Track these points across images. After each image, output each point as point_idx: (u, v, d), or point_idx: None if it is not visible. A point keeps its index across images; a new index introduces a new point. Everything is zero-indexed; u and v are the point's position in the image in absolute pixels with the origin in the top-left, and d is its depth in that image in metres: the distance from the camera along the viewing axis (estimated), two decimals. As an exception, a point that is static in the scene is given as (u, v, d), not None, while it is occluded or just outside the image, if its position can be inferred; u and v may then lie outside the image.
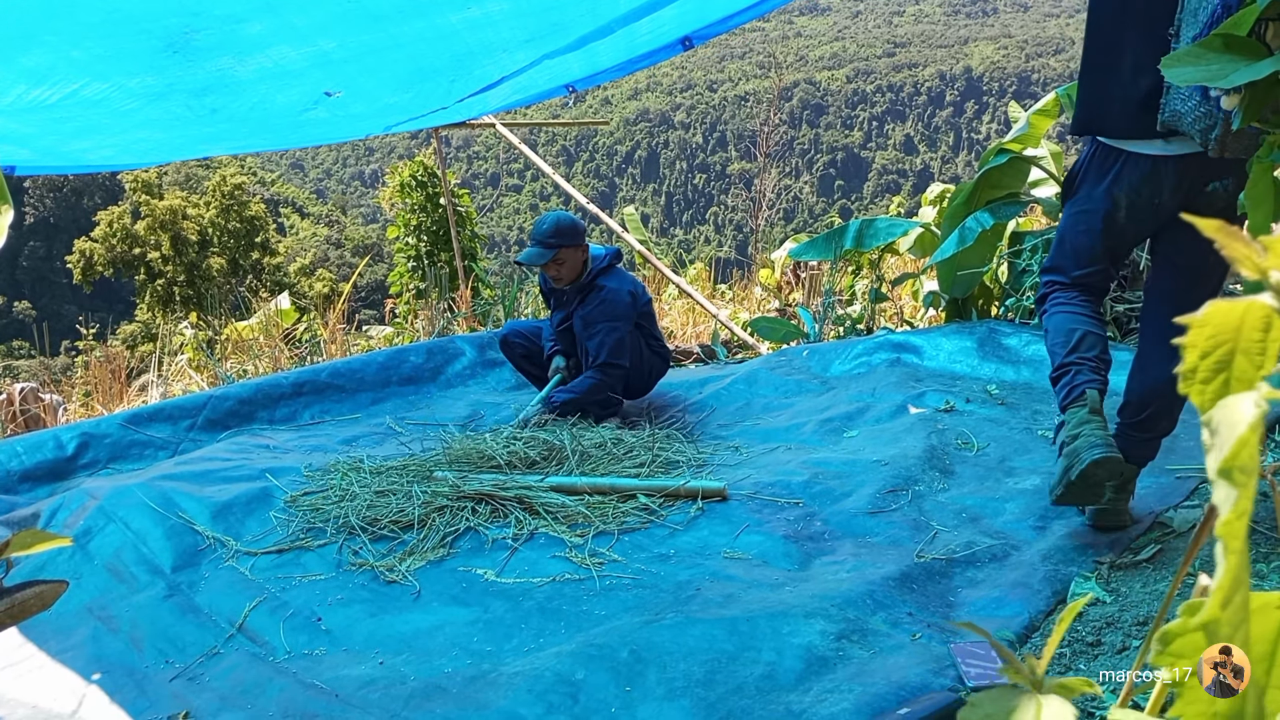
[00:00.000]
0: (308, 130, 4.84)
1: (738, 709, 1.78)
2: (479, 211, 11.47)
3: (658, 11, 3.79)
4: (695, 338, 6.87)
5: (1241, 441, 0.39)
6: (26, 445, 3.60)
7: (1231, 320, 0.40)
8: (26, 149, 4.12)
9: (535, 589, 2.39)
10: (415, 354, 4.84)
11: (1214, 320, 0.40)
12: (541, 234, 3.72)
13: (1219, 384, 0.41)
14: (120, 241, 27.77)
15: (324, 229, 56.51)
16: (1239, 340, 0.40)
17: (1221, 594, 0.39)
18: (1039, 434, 3.28)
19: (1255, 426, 0.39)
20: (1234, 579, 0.39)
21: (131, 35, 2.78)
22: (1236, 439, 0.39)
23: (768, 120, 12.48)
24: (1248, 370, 0.40)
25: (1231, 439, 0.39)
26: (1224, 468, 0.39)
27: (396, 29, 3.27)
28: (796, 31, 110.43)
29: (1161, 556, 2.25)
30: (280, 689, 2.01)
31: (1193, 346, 0.41)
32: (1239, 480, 0.39)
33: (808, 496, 2.87)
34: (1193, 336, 0.41)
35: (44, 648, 2.30)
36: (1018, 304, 4.35)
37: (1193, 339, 0.41)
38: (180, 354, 7.63)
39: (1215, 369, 0.41)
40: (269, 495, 3.07)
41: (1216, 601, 0.39)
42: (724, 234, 79.48)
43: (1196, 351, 0.41)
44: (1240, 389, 0.40)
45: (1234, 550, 0.39)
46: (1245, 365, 0.40)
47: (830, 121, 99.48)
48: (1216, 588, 0.39)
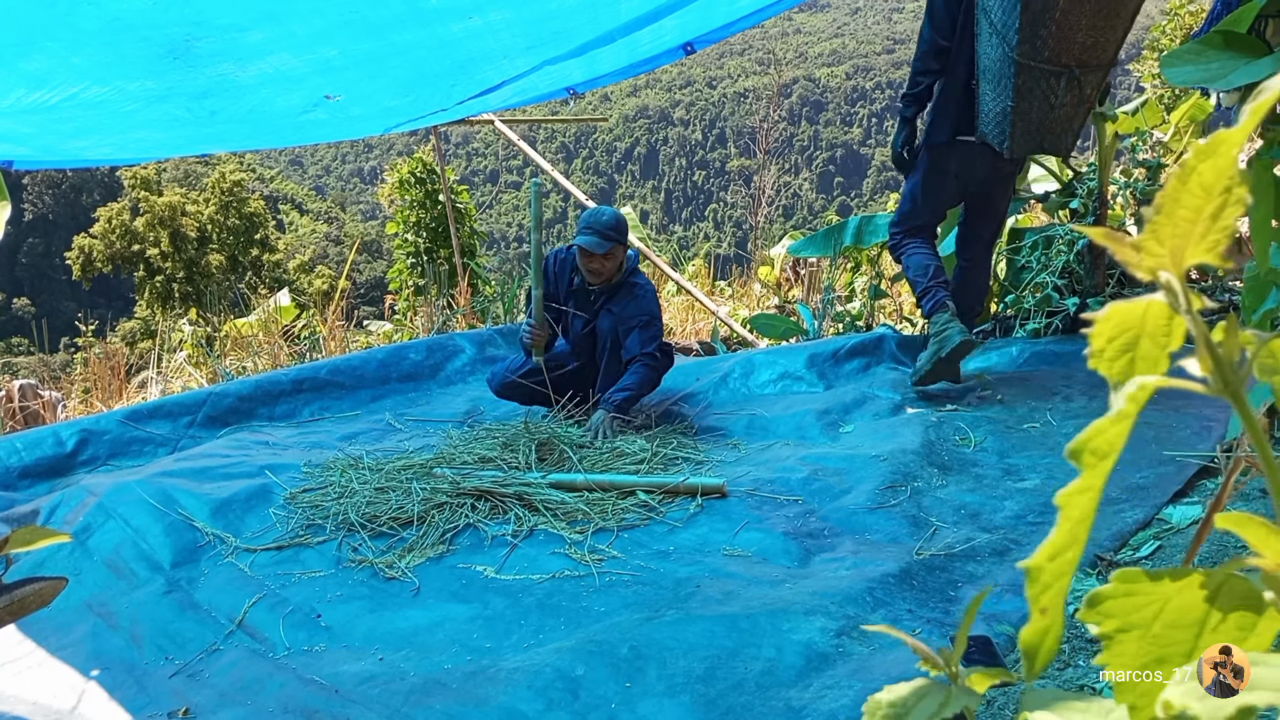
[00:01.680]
0: (307, 130, 4.84)
1: (738, 705, 1.78)
2: (478, 208, 11.47)
3: (659, 21, 3.79)
4: (695, 334, 6.87)
5: (1098, 429, 0.45)
6: (26, 442, 3.60)
7: (1134, 316, 0.46)
8: (26, 147, 4.12)
9: (535, 585, 2.39)
10: (415, 351, 4.84)
11: (1116, 317, 0.47)
12: (603, 225, 3.67)
13: (1125, 362, 0.47)
14: (119, 238, 27.76)
15: (323, 226, 56.49)
16: (1144, 327, 0.47)
17: (1050, 549, 0.46)
18: (1033, 429, 3.29)
19: (1118, 419, 0.45)
20: (1065, 540, 0.46)
21: (132, 42, 2.78)
22: (1095, 425, 0.45)
23: (767, 117, 12.48)
24: (1153, 350, 0.47)
25: (1096, 422, 0.45)
26: (1076, 449, 0.45)
27: (398, 37, 3.27)
28: (796, 28, 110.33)
29: (1161, 553, 2.25)
30: (280, 685, 2.01)
31: (1099, 334, 0.47)
32: (1087, 461, 0.45)
33: (807, 493, 2.87)
34: (1100, 327, 0.47)
35: (43, 644, 2.30)
36: (1017, 302, 4.35)
37: (1100, 329, 0.47)
38: (179, 351, 7.62)
39: (1122, 350, 0.47)
40: (268, 492, 3.07)
41: (1044, 554, 0.46)
42: (723, 231, 79.45)
43: (1103, 337, 0.47)
44: (1146, 366, 0.47)
45: (1069, 518, 0.46)
46: (1150, 346, 0.47)
47: (830, 118, 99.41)
48: (1046, 543, 0.46)
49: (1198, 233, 0.44)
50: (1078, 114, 3.51)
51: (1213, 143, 0.43)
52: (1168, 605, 0.45)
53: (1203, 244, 0.44)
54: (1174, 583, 0.45)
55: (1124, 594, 0.46)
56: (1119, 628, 0.46)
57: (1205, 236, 0.44)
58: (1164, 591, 0.45)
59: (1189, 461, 2.73)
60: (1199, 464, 2.69)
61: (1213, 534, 2.19)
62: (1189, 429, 2.97)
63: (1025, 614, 1.66)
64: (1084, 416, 3.34)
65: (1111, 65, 3.50)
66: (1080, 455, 0.45)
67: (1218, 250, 0.44)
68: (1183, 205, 0.44)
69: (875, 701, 0.51)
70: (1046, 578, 0.47)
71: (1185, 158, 0.44)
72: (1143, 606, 0.46)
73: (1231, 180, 0.43)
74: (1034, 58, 3.34)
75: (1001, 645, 1.92)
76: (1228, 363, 0.45)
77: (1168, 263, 0.45)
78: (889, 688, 0.52)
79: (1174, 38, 10.34)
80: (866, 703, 0.51)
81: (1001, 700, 1.71)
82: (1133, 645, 0.46)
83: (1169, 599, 0.45)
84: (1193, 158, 0.43)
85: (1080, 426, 1.41)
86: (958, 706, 0.50)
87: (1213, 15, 3.45)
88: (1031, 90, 3.40)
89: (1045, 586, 0.47)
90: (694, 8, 3.85)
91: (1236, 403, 0.45)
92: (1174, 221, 0.44)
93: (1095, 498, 0.46)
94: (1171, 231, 0.44)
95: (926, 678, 0.54)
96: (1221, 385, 0.45)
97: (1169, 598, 0.45)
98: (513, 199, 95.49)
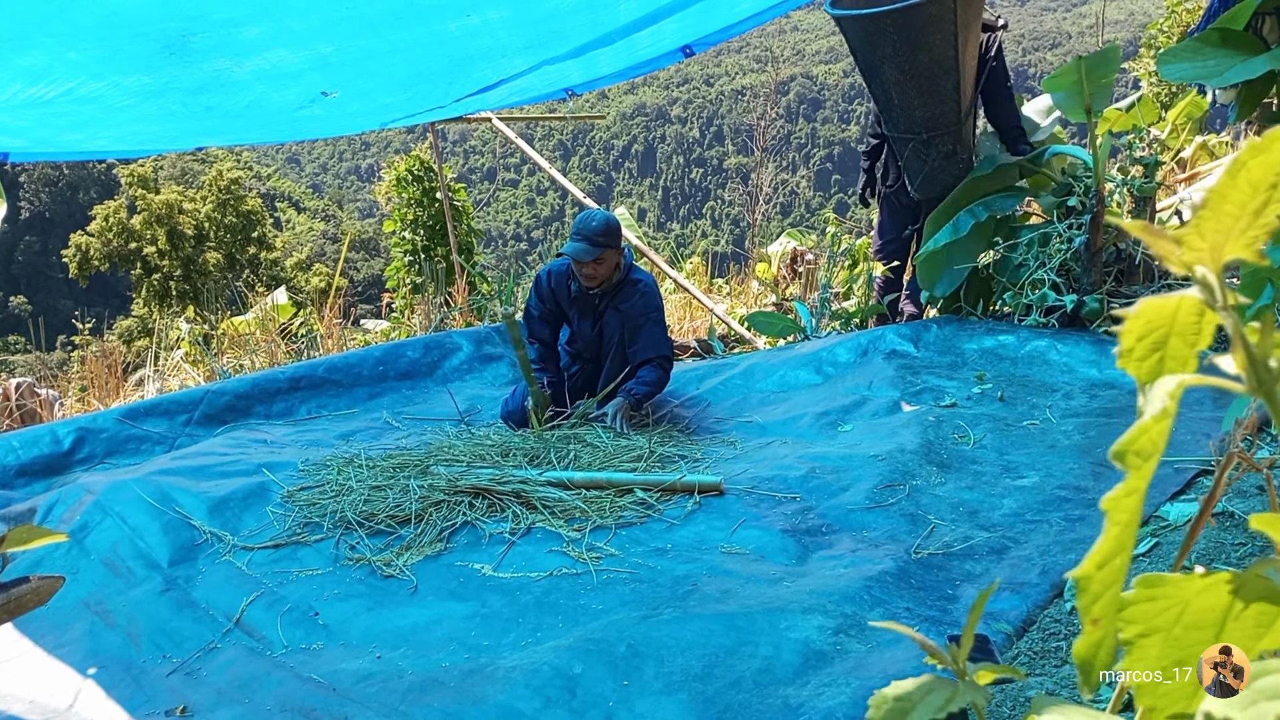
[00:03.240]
0: (303, 125, 4.83)
1: (735, 703, 1.78)
2: (475, 206, 11.45)
3: (659, 23, 3.78)
4: (692, 332, 6.86)
5: (1142, 429, 0.44)
6: (23, 440, 3.59)
7: (1166, 312, 0.46)
8: (21, 139, 4.11)
9: (532, 583, 2.39)
10: (412, 349, 4.84)
11: (1148, 313, 0.46)
12: (591, 231, 3.61)
13: (1154, 361, 0.46)
14: (116, 236, 27.71)
15: (320, 224, 56.45)
16: (1174, 325, 0.46)
17: (1098, 557, 0.45)
18: (1032, 426, 3.29)
19: (1160, 418, 0.44)
20: (1113, 546, 0.45)
21: (128, 38, 2.77)
22: (1138, 425, 0.44)
23: (764, 115, 12.47)
24: (1182, 349, 0.46)
25: (1138, 423, 0.44)
26: (1120, 450, 0.44)
27: (395, 34, 3.26)
28: (794, 25, 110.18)
29: (1158, 550, 2.26)
30: (278, 683, 2.01)
31: (1129, 332, 0.46)
32: (1132, 463, 0.44)
33: (805, 491, 2.87)
34: (1130, 325, 0.46)
35: (41, 642, 2.30)
36: (1016, 299, 4.34)
37: (1130, 326, 0.46)
38: (176, 349, 7.61)
39: (1151, 349, 0.46)
40: (266, 490, 3.07)
41: (1092, 562, 0.45)
42: (721, 228, 79.41)
43: (1133, 335, 0.46)
44: (1175, 365, 0.46)
45: (1117, 523, 0.45)
46: (1180, 345, 0.46)
47: (827, 116, 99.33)
48: (1094, 551, 0.45)
49: (1239, 228, 0.43)
50: (950, 165, 4.51)
51: (1268, 139, 0.42)
52: (1188, 608, 0.45)
53: (1242, 239, 0.43)
54: (1194, 584, 0.44)
55: (1146, 598, 0.45)
56: (1141, 632, 0.45)
57: (1246, 232, 0.43)
58: (1184, 595, 0.45)
59: (1187, 467, 2.73)
60: (1196, 468, 2.69)
61: (1207, 531, 2.19)
62: (1189, 432, 2.97)
63: (1024, 613, 1.67)
64: (1083, 415, 3.34)
65: (960, 126, 4.40)
66: (1125, 457, 0.44)
67: (1256, 246, 0.43)
68: (1230, 200, 0.43)
69: (881, 696, 0.51)
70: (1097, 587, 0.45)
71: (1236, 154, 0.43)
72: (1164, 610, 0.45)
73: (1278, 177, 0.42)
74: (894, 130, 4.54)
75: (999, 644, 1.92)
76: (1262, 361, 0.44)
77: (1206, 258, 0.44)
78: (895, 683, 0.52)
79: (1171, 35, 10.34)
80: (873, 697, 0.51)
81: (1000, 698, 1.72)
82: (1155, 649, 0.45)
83: (1189, 602, 0.45)
84: (1245, 153, 0.42)
85: (1079, 425, 1.43)
86: (963, 702, 0.50)
87: (1210, 12, 3.45)
88: (904, 152, 4.58)
89: (1096, 596, 0.45)
90: (693, 10, 3.84)
91: (1270, 401, 0.44)
92: (1219, 216, 0.43)
93: (1141, 500, 0.45)
94: (1215, 226, 0.44)
95: (930, 673, 0.53)
96: (1255, 383, 0.44)
97: (1189, 601, 0.45)
98: (510, 197, 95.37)
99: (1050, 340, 4.07)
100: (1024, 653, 1.88)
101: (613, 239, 3.67)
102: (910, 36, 4.05)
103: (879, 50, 4.19)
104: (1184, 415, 3.14)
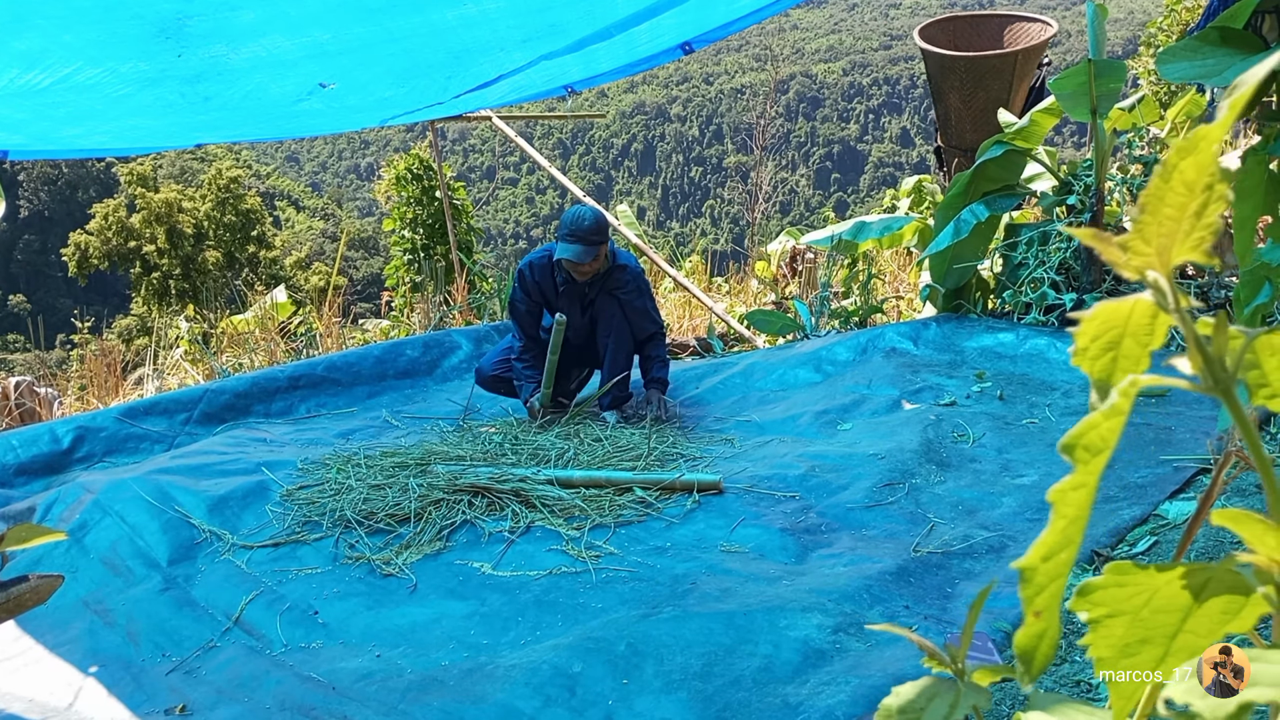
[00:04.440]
0: (302, 121, 4.82)
1: (735, 701, 1.78)
2: (475, 204, 11.45)
3: (656, 18, 3.78)
4: (691, 331, 6.86)
5: (1091, 424, 0.45)
6: (22, 439, 3.59)
7: (1120, 314, 0.47)
8: (20, 135, 4.10)
9: (532, 582, 2.39)
10: (411, 348, 4.84)
11: (1103, 314, 0.47)
12: (585, 231, 3.72)
13: (1107, 360, 0.47)
14: (115, 235, 27.69)
15: (320, 222, 56.44)
16: (1128, 326, 0.47)
17: (1043, 549, 0.46)
18: (1031, 425, 3.29)
19: (1111, 414, 0.45)
20: (1059, 540, 0.46)
21: (124, 20, 2.76)
22: (1087, 420, 0.45)
23: (764, 113, 12.47)
24: (1135, 349, 0.47)
25: (1088, 417, 0.45)
26: (1068, 444, 0.45)
27: (391, 23, 3.25)
28: (793, 24, 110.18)
29: (1157, 549, 2.26)
30: (277, 682, 2.01)
31: (1084, 333, 0.47)
32: (1081, 456, 0.45)
33: (804, 489, 2.87)
34: (1085, 326, 0.47)
35: (40, 641, 2.30)
36: (1015, 298, 4.35)
37: (1085, 328, 0.47)
38: (176, 347, 7.60)
39: (1105, 349, 0.47)
40: (265, 489, 3.07)
41: (1037, 554, 0.46)
42: (720, 227, 79.39)
43: (1088, 336, 0.47)
44: (1128, 364, 0.47)
45: (1064, 516, 0.45)
46: (1133, 345, 0.47)
47: (827, 114, 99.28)
48: (1039, 542, 0.46)
49: (1183, 230, 0.44)
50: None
51: (1193, 139, 0.43)
52: (1156, 594, 0.46)
53: (1188, 241, 0.44)
54: (1163, 574, 0.45)
55: (1115, 584, 0.46)
56: (1108, 613, 0.46)
57: (1190, 234, 0.44)
58: (1154, 582, 0.45)
59: (1187, 465, 2.74)
60: (1195, 466, 2.69)
61: (1207, 529, 2.19)
62: (1188, 431, 2.97)
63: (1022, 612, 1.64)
64: (1083, 413, 3.34)
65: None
66: (1073, 450, 0.45)
67: (1204, 247, 0.44)
68: (1167, 203, 0.44)
69: (886, 708, 0.51)
70: (1040, 579, 0.46)
71: (1165, 156, 0.43)
72: (1133, 595, 0.46)
73: (1213, 177, 0.42)
74: (948, 142, 5.79)
75: (998, 642, 1.92)
76: (1217, 360, 0.45)
77: (1155, 262, 0.45)
78: (896, 690, 0.52)
79: (1171, 34, 10.34)
80: (879, 709, 0.51)
81: (999, 697, 1.72)
82: (1120, 629, 0.46)
83: (1158, 588, 0.45)
84: (1174, 155, 0.43)
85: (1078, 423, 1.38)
86: (968, 706, 0.50)
87: (1209, 11, 3.45)
88: (953, 163, 5.78)
89: (1040, 588, 0.46)
90: (692, 6, 3.84)
91: (1226, 399, 0.45)
92: (1159, 220, 0.44)
93: (1090, 495, 0.46)
94: (1157, 230, 0.44)
95: (928, 675, 0.53)
96: (1212, 382, 0.45)
97: (1158, 587, 0.45)
98: (510, 195, 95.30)
99: (1050, 338, 4.07)
100: (1023, 651, 1.88)
101: (604, 234, 3.80)
102: (975, 78, 5.19)
103: (948, 82, 5.33)
104: (1183, 414, 3.15)
